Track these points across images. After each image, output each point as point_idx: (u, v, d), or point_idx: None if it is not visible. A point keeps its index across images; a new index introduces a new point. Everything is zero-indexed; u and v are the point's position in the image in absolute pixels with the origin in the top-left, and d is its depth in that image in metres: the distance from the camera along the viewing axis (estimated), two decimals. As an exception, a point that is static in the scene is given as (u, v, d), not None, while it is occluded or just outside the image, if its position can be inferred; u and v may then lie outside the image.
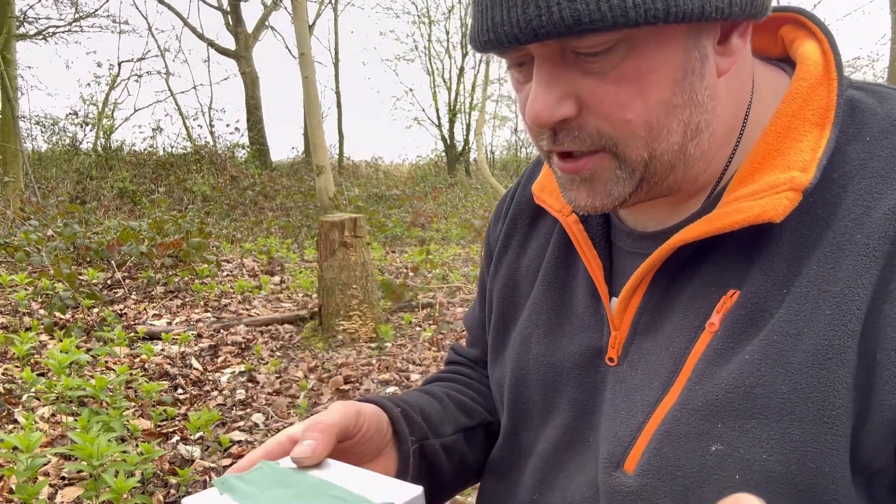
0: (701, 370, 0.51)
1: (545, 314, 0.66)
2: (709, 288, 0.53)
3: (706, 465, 0.48)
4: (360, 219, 4.07)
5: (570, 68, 0.49)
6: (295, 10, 6.13)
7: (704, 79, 0.50)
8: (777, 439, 0.46)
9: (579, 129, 0.50)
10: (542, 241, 0.70)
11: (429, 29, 20.45)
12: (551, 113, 0.49)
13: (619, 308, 0.58)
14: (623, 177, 0.52)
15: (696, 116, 0.50)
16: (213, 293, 4.86)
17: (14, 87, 10.15)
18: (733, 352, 0.50)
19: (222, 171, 12.09)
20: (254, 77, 16.09)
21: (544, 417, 0.64)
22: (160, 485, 2.29)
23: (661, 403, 0.52)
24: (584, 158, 0.52)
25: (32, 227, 5.94)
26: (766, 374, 0.48)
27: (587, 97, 0.49)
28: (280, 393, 3.22)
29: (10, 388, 2.95)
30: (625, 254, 0.61)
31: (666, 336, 0.54)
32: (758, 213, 0.49)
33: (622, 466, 0.53)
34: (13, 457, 2.10)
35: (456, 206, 11.15)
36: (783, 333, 0.48)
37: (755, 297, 0.50)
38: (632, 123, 0.49)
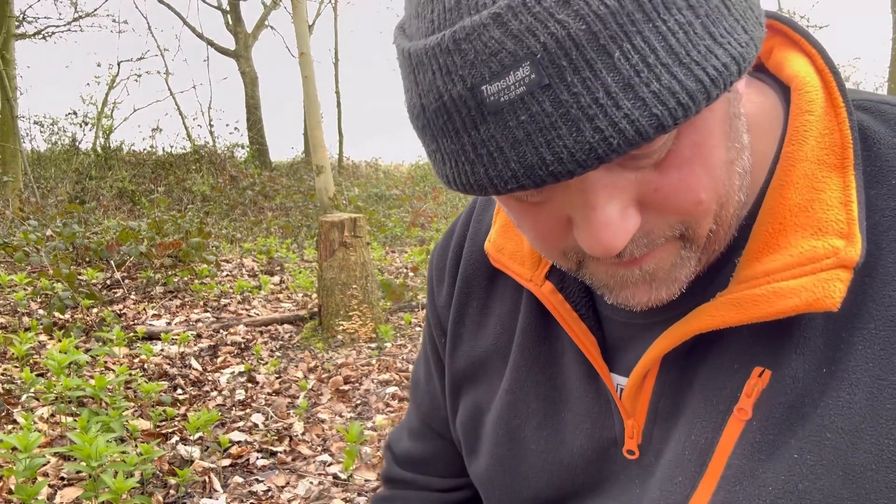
0: (738, 467, 0.44)
1: (533, 401, 0.57)
2: (731, 365, 0.46)
3: None
4: (360, 219, 4.06)
5: (617, 173, 0.39)
6: (295, 10, 6.13)
7: (741, 116, 0.43)
8: None
9: (648, 235, 0.42)
10: (508, 307, 0.60)
11: (428, 29, 20.41)
12: (625, 233, 0.40)
13: (630, 392, 0.50)
14: (688, 255, 0.44)
15: (744, 160, 0.43)
16: (212, 293, 4.85)
17: (13, 87, 10.14)
18: (775, 446, 0.44)
19: (222, 171, 12.09)
20: (253, 77, 16.08)
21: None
22: (159, 485, 2.28)
23: (691, 500, 0.46)
24: (649, 253, 0.43)
25: (31, 226, 5.93)
26: (822, 477, 0.42)
27: (649, 196, 0.40)
28: (279, 393, 3.21)
29: (10, 388, 2.94)
30: (618, 324, 0.53)
31: (686, 422, 0.48)
32: (809, 301, 0.41)
33: None
34: (12, 457, 2.10)
35: (456, 206, 11.14)
36: (837, 430, 0.42)
37: (793, 382, 0.43)
38: (704, 202, 0.41)
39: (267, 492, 2.30)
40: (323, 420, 2.91)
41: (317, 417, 2.94)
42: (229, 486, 2.32)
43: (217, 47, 16.58)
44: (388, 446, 0.79)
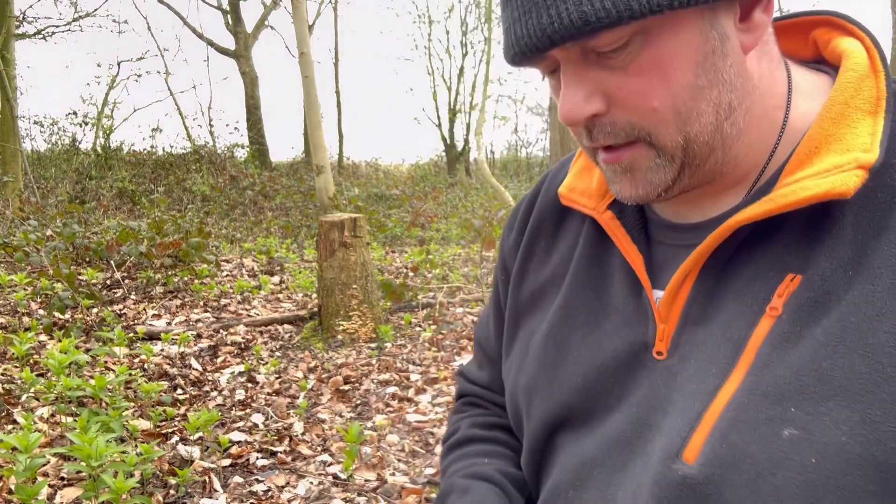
0: (766, 354, 0.50)
1: (582, 315, 0.65)
2: (766, 273, 0.53)
3: (779, 450, 0.47)
4: (360, 219, 4.06)
5: (594, 67, 0.52)
6: (295, 10, 6.12)
7: (728, 57, 0.51)
8: (857, 421, 0.45)
9: (611, 124, 0.53)
10: (569, 243, 0.69)
11: (429, 28, 20.47)
12: (580, 110, 0.52)
13: (667, 299, 0.57)
14: (663, 164, 0.54)
15: (725, 95, 0.52)
16: (212, 293, 4.85)
17: (13, 87, 10.14)
18: (801, 335, 0.49)
19: (222, 171, 12.09)
20: (253, 77, 16.08)
21: (587, 419, 0.62)
22: (159, 485, 2.28)
23: (721, 390, 0.51)
24: (622, 149, 0.54)
25: (31, 226, 5.93)
26: (843, 355, 0.47)
27: (613, 92, 0.52)
28: (280, 393, 3.21)
29: (10, 388, 2.94)
30: (665, 247, 0.61)
31: (721, 323, 0.54)
32: (826, 189, 0.49)
33: (680, 457, 0.52)
34: (12, 457, 2.10)
35: (456, 206, 11.14)
36: (860, 314, 0.47)
37: (821, 281, 0.50)
38: (659, 111, 0.51)
39: (267, 492, 2.30)
40: (323, 420, 2.91)
41: (317, 417, 2.94)
42: (229, 486, 2.32)
43: (217, 47, 16.58)
44: (460, 372, 0.90)
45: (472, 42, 19.39)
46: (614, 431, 0.59)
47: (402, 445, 2.65)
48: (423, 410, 3.01)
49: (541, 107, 21.88)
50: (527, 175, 17.53)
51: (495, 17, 13.16)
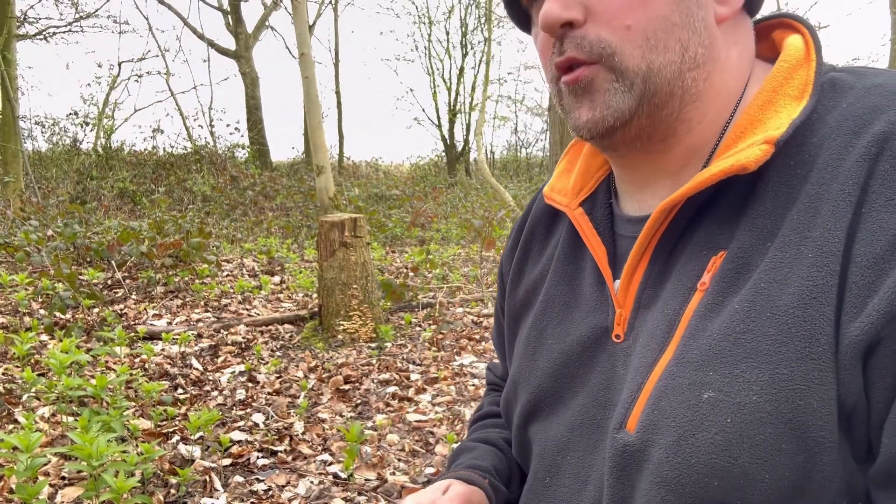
0: (694, 326, 0.53)
1: (557, 306, 0.69)
2: (700, 252, 0.56)
3: (699, 412, 0.50)
4: (360, 219, 4.07)
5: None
6: (295, 11, 6.13)
7: (702, 8, 0.55)
8: (766, 380, 0.48)
9: (582, 37, 0.56)
10: (553, 243, 0.74)
11: (429, 29, 20.48)
12: (560, 13, 0.55)
13: (623, 286, 0.61)
14: (621, 89, 0.56)
15: (693, 44, 0.55)
16: (213, 293, 4.86)
17: (14, 87, 10.15)
18: (723, 305, 0.52)
19: (222, 172, 12.09)
20: (254, 77, 16.09)
21: (555, 404, 0.66)
22: (160, 485, 2.29)
23: (658, 363, 0.54)
24: (583, 67, 0.57)
25: (32, 227, 5.94)
26: (754, 319, 0.50)
27: (593, 4, 0.55)
28: (280, 393, 3.22)
29: (11, 387, 2.95)
30: (626, 239, 0.65)
31: (661, 302, 0.57)
32: (731, 163, 0.52)
33: (624, 427, 0.55)
34: (13, 457, 2.10)
35: (456, 206, 11.14)
36: (769, 280, 0.50)
37: (741, 252, 0.53)
38: (631, 30, 0.54)
39: (267, 491, 2.30)
40: (323, 420, 2.92)
41: (317, 417, 2.94)
42: (230, 486, 2.33)
43: (218, 48, 16.58)
44: (489, 367, 0.96)
45: (471, 42, 19.37)
46: (581, 414, 0.63)
47: (402, 445, 2.66)
48: (424, 410, 3.01)
49: (541, 107, 21.88)
50: (526, 175, 17.52)
51: (495, 18, 13.16)
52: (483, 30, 17.61)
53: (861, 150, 0.50)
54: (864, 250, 0.47)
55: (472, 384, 3.36)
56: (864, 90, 0.54)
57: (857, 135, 0.51)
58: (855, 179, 0.49)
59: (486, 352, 3.91)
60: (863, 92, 0.54)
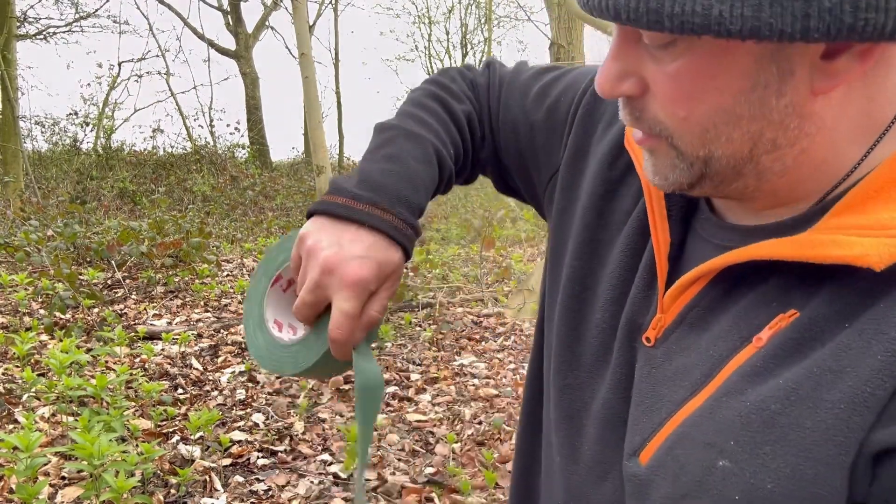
0: (733, 383, 0.48)
1: (615, 279, 0.63)
2: (770, 302, 0.49)
3: (710, 476, 0.47)
4: (361, 219, 4.06)
5: (641, 49, 0.49)
6: (295, 11, 6.13)
7: (784, 96, 0.45)
8: (787, 474, 0.44)
9: (641, 111, 0.51)
10: (629, 202, 0.65)
11: (429, 29, 20.49)
12: (612, 86, 0.50)
13: (674, 293, 0.55)
14: (682, 167, 0.51)
15: (768, 132, 0.47)
16: (213, 293, 4.86)
17: (14, 87, 10.15)
18: (771, 373, 0.47)
19: (222, 171, 12.10)
20: (254, 77, 16.09)
21: (588, 382, 0.63)
22: (160, 485, 2.29)
23: (687, 404, 0.51)
24: (647, 137, 0.52)
25: (32, 227, 5.94)
26: (795, 404, 0.44)
27: (651, 82, 0.49)
28: (280, 393, 3.22)
29: (11, 387, 2.95)
30: (698, 238, 0.58)
31: (710, 337, 0.52)
32: (858, 253, 0.43)
33: (637, 456, 0.53)
34: (13, 456, 2.11)
35: (456, 206, 11.15)
36: (826, 368, 0.44)
37: (812, 323, 0.46)
38: (686, 121, 0.48)
39: (267, 491, 2.30)
40: (323, 419, 2.92)
41: (317, 417, 2.95)
42: (230, 486, 2.33)
43: (218, 48, 16.59)
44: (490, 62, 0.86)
45: (471, 42, 19.38)
46: (606, 408, 0.60)
47: (402, 445, 2.66)
48: (423, 410, 3.01)
49: (541, 107, 21.83)
50: (527, 175, 17.49)
51: (495, 18, 13.16)
52: (483, 30, 17.62)
53: None
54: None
55: (472, 384, 3.36)
56: None
57: None
58: None
59: (486, 352, 3.91)
60: None
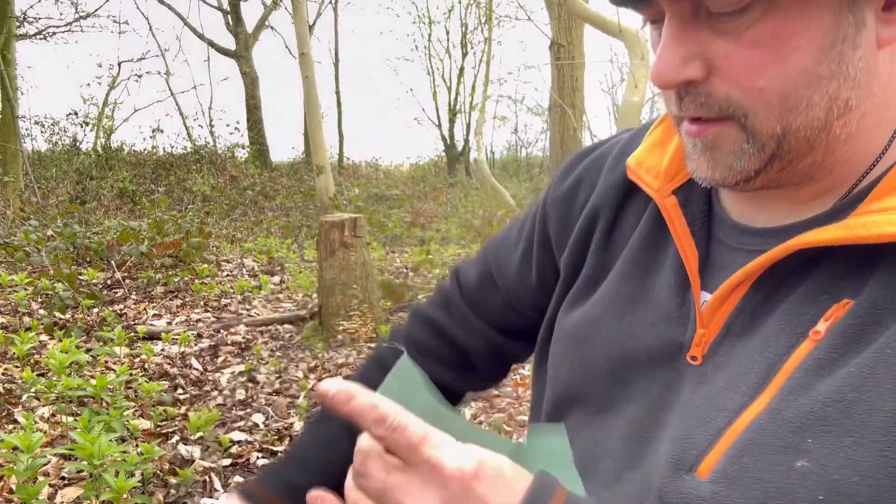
0: (798, 379, 0.46)
1: (621, 297, 0.61)
2: (819, 295, 0.48)
3: (789, 480, 0.44)
4: (360, 219, 4.07)
5: (702, 28, 0.46)
6: (295, 10, 6.13)
7: (859, 48, 0.45)
8: (871, 462, 0.41)
9: (707, 95, 0.47)
10: (631, 221, 0.65)
11: (429, 29, 20.47)
12: (675, 73, 0.47)
13: (713, 304, 0.53)
14: (750, 151, 0.48)
15: (844, 91, 0.45)
16: (213, 293, 4.86)
17: (14, 87, 10.14)
18: (837, 363, 0.45)
19: (222, 171, 12.10)
20: (254, 77, 16.09)
21: (605, 405, 0.60)
22: (160, 485, 2.29)
23: (746, 409, 0.48)
24: (710, 123, 0.49)
25: (32, 226, 5.94)
26: (871, 389, 0.43)
27: (717, 59, 0.46)
28: (280, 393, 3.22)
29: (10, 388, 2.95)
30: (725, 247, 0.56)
31: (761, 340, 0.50)
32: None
33: (694, 471, 0.49)
34: (13, 457, 2.10)
35: (456, 206, 11.15)
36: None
37: (872, 308, 0.45)
38: (765, 91, 0.45)
39: (267, 491, 2.30)
40: (323, 420, 2.92)
41: (317, 417, 2.94)
42: (230, 486, 2.32)
43: (218, 48, 16.58)
44: (457, 274, 0.83)
45: (471, 42, 19.38)
46: (631, 426, 0.57)
47: (402, 445, 2.66)
48: (424, 410, 3.01)
49: (540, 107, 21.89)
50: (526, 175, 17.53)
51: (495, 18, 13.16)
52: (483, 29, 17.62)
53: None
54: None
55: (472, 384, 3.36)
56: None
57: None
58: None
59: (486, 352, 3.91)
60: None
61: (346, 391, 0.40)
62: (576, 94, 8.46)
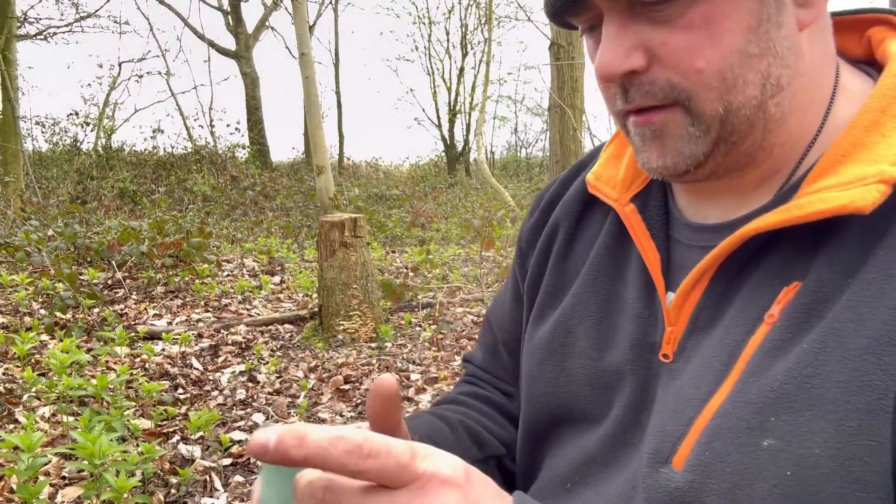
0: (757, 362, 0.48)
1: (593, 305, 0.63)
2: (771, 281, 0.50)
3: (758, 460, 0.46)
4: (360, 219, 4.07)
5: (639, 20, 0.49)
6: (295, 11, 6.14)
7: (782, 27, 0.48)
8: (832, 432, 0.43)
9: (650, 83, 0.50)
10: (593, 232, 0.67)
11: (429, 29, 20.47)
12: (619, 64, 0.49)
13: (677, 302, 0.56)
14: (696, 134, 0.50)
15: (775, 69, 0.49)
16: (213, 293, 4.86)
17: (15, 88, 10.15)
18: (792, 343, 0.47)
19: (223, 172, 12.10)
20: (254, 77, 16.09)
21: (589, 413, 0.62)
22: (160, 484, 2.29)
23: (713, 397, 0.50)
24: (655, 111, 0.51)
25: (33, 227, 5.94)
26: (824, 362, 0.45)
27: (657, 47, 0.49)
28: (280, 393, 3.22)
29: (11, 387, 2.95)
30: (683, 247, 0.59)
31: (722, 329, 0.52)
32: (844, 203, 0.46)
33: (669, 463, 0.51)
34: (14, 456, 2.11)
35: (456, 206, 11.15)
36: (844, 320, 0.45)
37: (818, 286, 0.47)
38: (704, 73, 0.48)
39: (267, 491, 2.31)
40: (324, 419, 2.92)
41: (317, 417, 2.95)
42: (230, 485, 2.33)
43: (218, 48, 16.58)
44: (466, 358, 0.86)
45: (471, 42, 19.37)
46: (614, 430, 0.59)
47: (402, 445, 2.66)
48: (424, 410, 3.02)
49: (540, 107, 21.88)
50: (526, 175, 17.52)
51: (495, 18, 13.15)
52: (483, 30, 17.62)
53: None
54: None
55: (472, 384, 3.36)
56: None
57: None
58: None
59: (486, 352, 3.91)
60: None
61: (292, 433, 0.34)
62: (576, 95, 8.46)
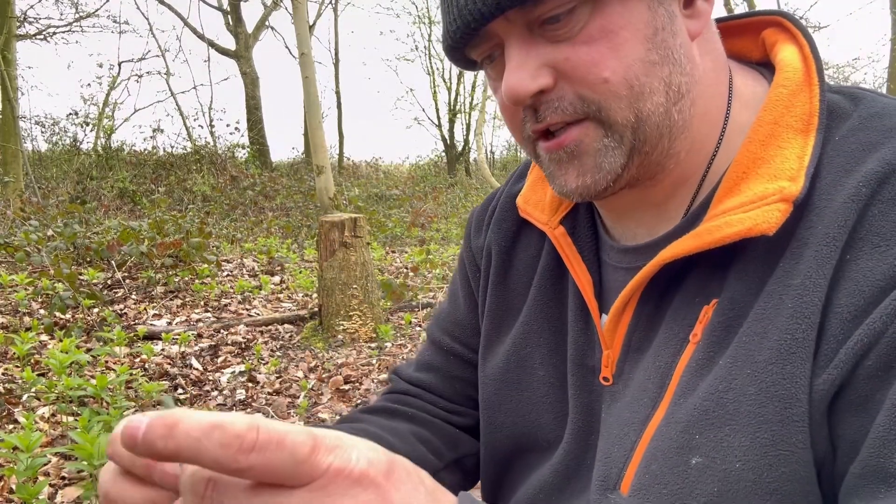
0: (685, 383, 0.49)
1: (545, 332, 0.63)
2: (693, 299, 0.51)
3: (688, 479, 0.46)
4: (360, 219, 4.07)
5: (539, 41, 0.49)
6: (295, 11, 6.14)
7: (677, 36, 0.50)
8: (748, 446, 0.44)
9: (559, 99, 0.50)
10: (532, 252, 0.67)
11: (429, 29, 20.47)
12: (528, 84, 0.49)
13: (610, 325, 0.56)
14: (612, 145, 0.50)
15: (675, 76, 0.50)
16: (213, 293, 4.86)
17: (14, 87, 10.15)
18: (713, 361, 0.48)
19: (222, 172, 12.10)
20: (254, 77, 16.09)
21: (552, 441, 0.62)
22: (160, 484, 2.29)
23: (651, 421, 0.51)
24: (568, 130, 0.51)
25: (32, 227, 5.94)
26: (736, 377, 0.46)
27: (561, 64, 0.49)
28: (280, 393, 3.22)
29: (11, 387, 2.95)
30: (612, 269, 0.59)
31: (653, 351, 0.53)
32: (749, 226, 0.47)
33: (618, 489, 0.51)
34: (13, 457, 2.11)
35: (456, 206, 11.15)
36: (751, 334, 0.46)
37: (731, 304, 0.49)
38: (610, 82, 0.48)
39: (267, 491, 2.30)
40: (323, 419, 2.92)
41: (317, 417, 2.95)
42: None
43: (218, 48, 16.58)
44: (395, 371, 0.81)
45: (472, 42, 19.36)
46: (566, 457, 0.59)
47: (402, 445, 2.66)
48: (423, 410, 3.02)
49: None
50: (527, 175, 17.50)
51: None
52: (483, 30, 17.59)
53: (851, 190, 0.45)
54: (846, 301, 0.43)
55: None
56: (859, 121, 0.49)
57: (848, 173, 0.47)
58: (841, 223, 0.45)
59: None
60: (858, 123, 0.49)
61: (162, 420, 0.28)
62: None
